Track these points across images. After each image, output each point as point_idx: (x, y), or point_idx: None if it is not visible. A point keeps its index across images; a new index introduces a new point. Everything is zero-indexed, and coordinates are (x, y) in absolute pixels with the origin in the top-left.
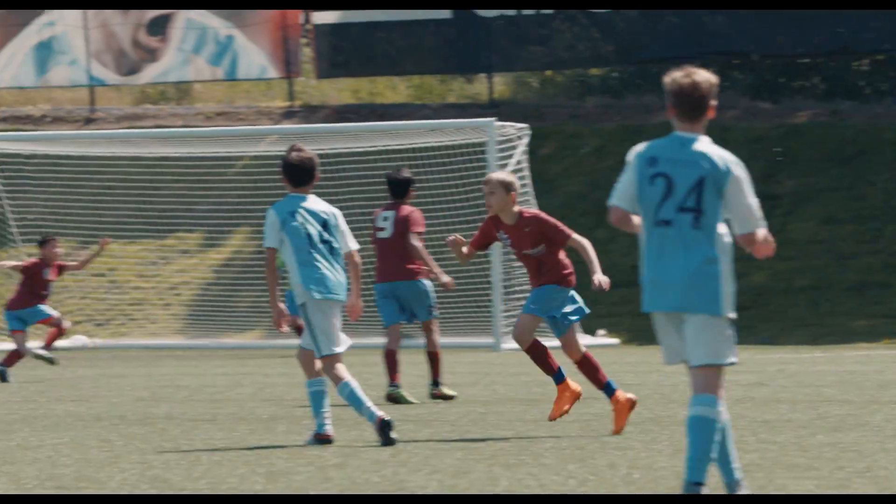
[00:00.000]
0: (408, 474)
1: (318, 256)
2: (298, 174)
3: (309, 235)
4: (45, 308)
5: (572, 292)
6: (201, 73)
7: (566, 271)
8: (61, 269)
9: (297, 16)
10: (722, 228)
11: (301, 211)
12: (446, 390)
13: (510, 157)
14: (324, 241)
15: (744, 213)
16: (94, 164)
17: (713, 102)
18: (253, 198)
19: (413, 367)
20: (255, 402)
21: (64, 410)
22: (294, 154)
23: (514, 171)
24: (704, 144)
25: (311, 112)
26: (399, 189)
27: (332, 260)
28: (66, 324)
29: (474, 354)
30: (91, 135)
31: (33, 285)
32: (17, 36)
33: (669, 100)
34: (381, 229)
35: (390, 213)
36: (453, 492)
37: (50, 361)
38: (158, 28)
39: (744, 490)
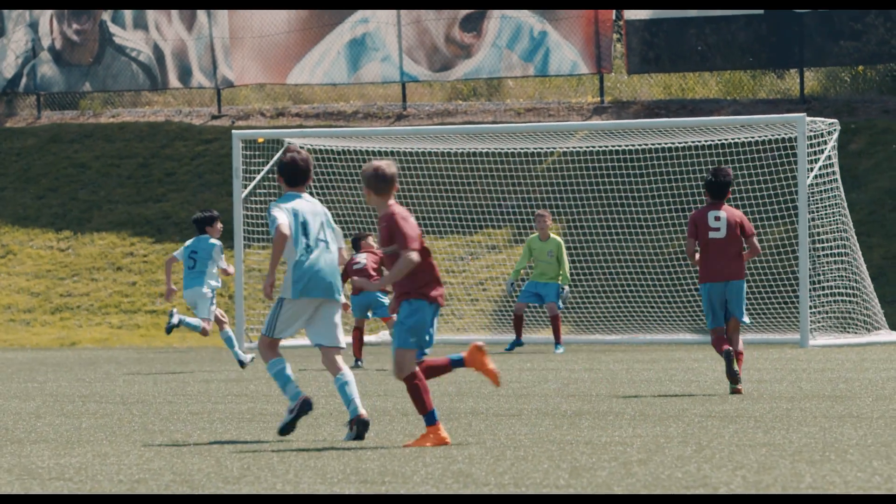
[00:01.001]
0: (711, 470)
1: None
2: (296, 174)
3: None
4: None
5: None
6: (513, 69)
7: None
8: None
9: (611, 12)
10: None
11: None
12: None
13: (820, 152)
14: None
15: None
16: (404, 160)
17: None
18: (563, 194)
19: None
20: (559, 397)
21: (370, 406)
22: (291, 155)
23: (824, 167)
24: None
25: (621, 108)
26: (722, 191)
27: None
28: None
29: (780, 350)
30: (402, 131)
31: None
32: (330, 33)
33: None
34: (716, 230)
35: (721, 214)
36: (757, 488)
37: None
38: (473, 24)
39: None
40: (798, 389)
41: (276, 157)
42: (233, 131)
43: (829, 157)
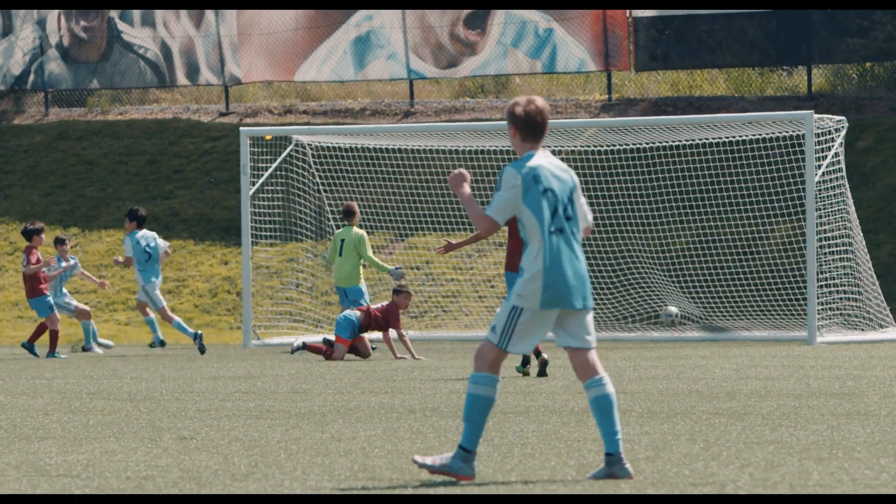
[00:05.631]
0: (718, 468)
1: None
2: None
3: None
4: None
5: None
6: (520, 67)
7: None
8: None
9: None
10: None
11: None
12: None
13: (828, 149)
14: None
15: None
16: (412, 156)
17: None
18: None
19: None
20: (567, 394)
21: (378, 402)
22: None
23: (831, 164)
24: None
25: (628, 105)
26: None
27: None
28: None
29: (788, 348)
30: (410, 128)
31: None
32: (336, 31)
33: (517, 125)
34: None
35: None
36: (764, 486)
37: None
38: (477, 22)
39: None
40: (806, 387)
41: (284, 154)
42: (240, 128)
43: (837, 155)
